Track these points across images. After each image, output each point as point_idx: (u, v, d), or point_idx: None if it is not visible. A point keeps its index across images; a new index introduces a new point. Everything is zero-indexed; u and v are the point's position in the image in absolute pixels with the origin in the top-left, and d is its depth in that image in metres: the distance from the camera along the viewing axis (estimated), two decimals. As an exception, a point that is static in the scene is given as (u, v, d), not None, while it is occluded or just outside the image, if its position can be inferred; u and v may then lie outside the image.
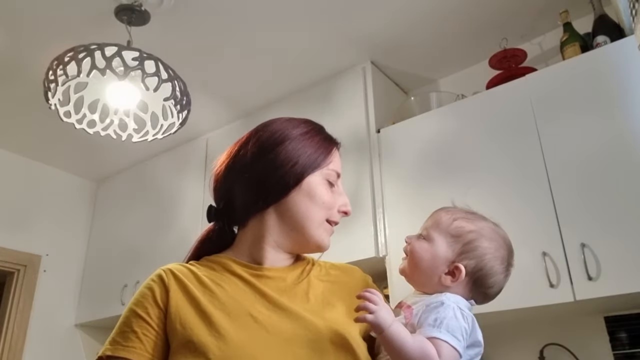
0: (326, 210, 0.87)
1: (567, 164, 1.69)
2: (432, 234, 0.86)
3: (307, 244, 0.87)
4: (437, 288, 0.82)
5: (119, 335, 0.77)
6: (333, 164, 0.90)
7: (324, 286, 0.87)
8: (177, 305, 0.78)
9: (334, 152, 0.92)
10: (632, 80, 1.65)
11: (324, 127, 0.95)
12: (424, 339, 0.73)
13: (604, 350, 1.72)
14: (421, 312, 0.78)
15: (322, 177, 0.88)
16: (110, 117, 1.93)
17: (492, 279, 0.84)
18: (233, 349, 0.72)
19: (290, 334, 0.75)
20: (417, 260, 0.85)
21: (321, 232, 0.87)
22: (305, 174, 0.86)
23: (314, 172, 0.87)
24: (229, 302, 0.78)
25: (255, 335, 0.74)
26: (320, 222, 0.86)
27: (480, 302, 0.86)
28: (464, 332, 0.75)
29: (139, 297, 0.80)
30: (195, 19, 2.08)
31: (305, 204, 0.85)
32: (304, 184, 0.85)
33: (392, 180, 2.08)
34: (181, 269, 0.84)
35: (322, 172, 0.88)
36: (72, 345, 3.07)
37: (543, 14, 2.08)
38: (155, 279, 0.81)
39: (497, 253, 0.85)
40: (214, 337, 0.73)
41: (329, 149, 0.91)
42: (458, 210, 0.89)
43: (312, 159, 0.87)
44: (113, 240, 3.12)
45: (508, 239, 0.88)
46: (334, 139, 0.94)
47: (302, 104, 2.49)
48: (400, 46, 2.29)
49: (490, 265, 0.84)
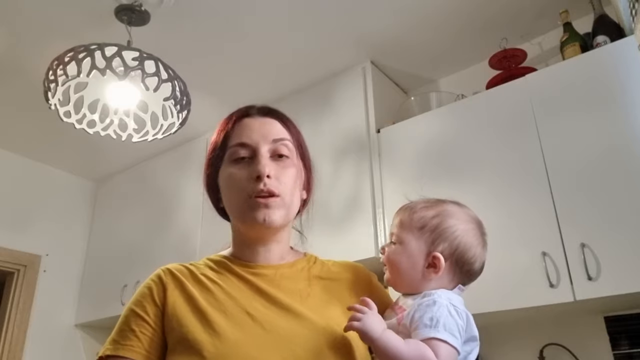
0: (239, 190, 0.82)
1: (567, 164, 1.69)
2: (400, 235, 0.85)
3: (249, 228, 0.84)
4: (424, 284, 0.81)
5: (118, 334, 0.78)
6: (232, 140, 0.86)
7: (324, 283, 0.86)
8: (174, 303, 0.78)
9: (235, 127, 0.87)
10: (632, 80, 1.65)
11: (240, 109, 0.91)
12: (419, 342, 0.71)
13: (604, 350, 1.72)
14: (413, 311, 0.76)
15: (227, 163, 0.86)
16: (110, 117, 1.93)
17: (471, 252, 0.83)
18: (228, 346, 0.72)
19: (287, 331, 0.75)
20: (396, 266, 0.84)
21: (246, 212, 0.81)
22: (216, 175, 0.88)
23: (220, 167, 0.87)
24: (225, 300, 0.78)
25: (251, 333, 0.74)
26: (242, 204, 0.82)
27: (468, 282, 0.85)
28: (460, 329, 0.74)
29: (137, 297, 0.81)
30: (195, 19, 2.08)
31: (225, 198, 0.86)
32: (220, 180, 0.87)
33: (392, 180, 2.08)
34: (180, 268, 0.84)
35: (226, 159, 0.86)
36: (72, 345, 3.07)
37: (543, 14, 2.08)
38: (154, 278, 0.82)
39: (466, 226, 0.84)
40: (209, 335, 0.73)
41: (227, 129, 0.88)
42: (415, 202, 0.88)
43: (216, 152, 0.88)
44: (113, 240, 3.12)
45: (472, 212, 0.88)
46: (240, 111, 0.90)
47: (302, 104, 2.49)
48: (400, 46, 2.29)
49: (464, 240, 0.83)
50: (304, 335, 0.75)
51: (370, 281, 0.92)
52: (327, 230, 2.05)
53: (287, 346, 0.73)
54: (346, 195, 2.14)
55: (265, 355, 0.72)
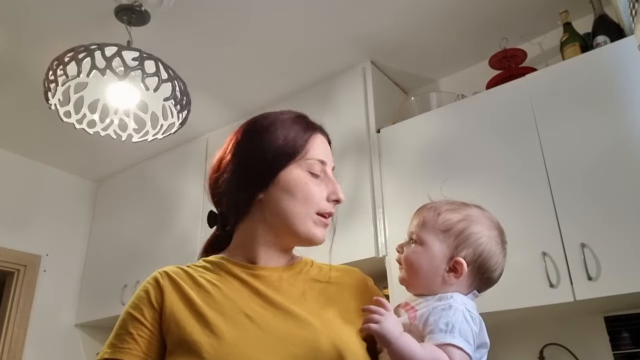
0: (312, 203, 0.83)
1: (567, 164, 1.69)
2: (422, 235, 0.83)
3: (297, 239, 0.85)
4: (443, 288, 0.80)
5: (115, 338, 0.78)
6: (313, 152, 0.85)
7: (322, 287, 0.86)
8: (172, 305, 0.78)
9: (312, 139, 0.87)
10: (632, 80, 1.65)
11: (304, 116, 0.91)
12: (435, 348, 0.70)
13: (604, 350, 1.72)
14: (427, 314, 0.75)
15: (302, 169, 0.84)
16: (110, 117, 1.93)
17: (493, 260, 0.82)
18: (227, 347, 0.72)
19: (285, 332, 0.75)
20: (415, 267, 0.82)
21: (309, 226, 0.83)
22: (276, 170, 0.83)
23: (288, 165, 0.83)
24: (223, 302, 0.78)
25: (250, 334, 0.74)
26: (306, 216, 0.83)
27: (485, 289, 0.84)
28: (474, 335, 0.73)
29: (134, 300, 0.81)
30: (195, 19, 2.08)
31: (286, 201, 0.83)
32: (279, 180, 0.83)
33: (392, 180, 2.08)
34: (177, 270, 0.84)
35: (301, 164, 0.84)
36: (72, 345, 3.07)
37: (543, 14, 2.08)
38: (151, 281, 0.82)
39: (490, 233, 0.83)
40: (207, 336, 0.73)
41: (305, 137, 0.86)
42: (439, 203, 0.86)
43: (280, 152, 0.84)
44: (113, 240, 3.12)
45: (494, 218, 0.87)
46: (313, 125, 0.90)
47: (302, 104, 2.48)
48: (401, 46, 2.29)
49: (488, 248, 0.82)
50: (302, 336, 0.75)
51: (366, 284, 0.92)
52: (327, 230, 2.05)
53: (285, 347, 0.73)
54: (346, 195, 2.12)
55: (264, 356, 0.72)
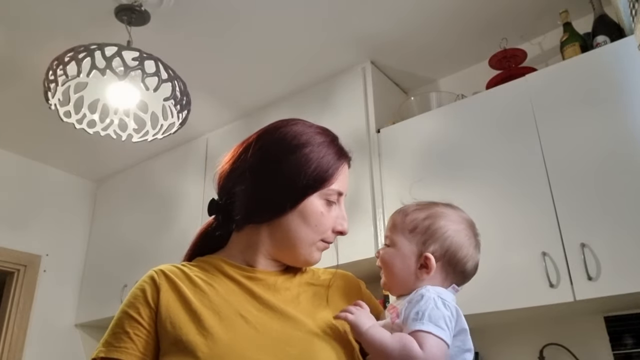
0: (320, 232, 0.84)
1: (567, 164, 1.69)
2: (393, 237, 0.87)
3: (296, 260, 0.86)
4: (417, 285, 0.82)
5: (111, 337, 0.77)
6: (337, 184, 0.86)
7: (315, 289, 0.87)
8: (168, 304, 0.78)
9: (341, 169, 0.87)
10: (632, 80, 1.65)
11: (337, 139, 0.90)
12: (404, 335, 0.73)
13: (604, 350, 1.72)
14: (404, 309, 0.78)
15: (321, 197, 0.84)
16: (110, 117, 1.93)
17: (462, 252, 0.84)
18: (222, 347, 0.72)
19: (281, 333, 0.75)
20: (390, 268, 0.85)
21: (311, 252, 0.85)
22: (301, 198, 0.82)
23: (314, 193, 0.83)
24: (219, 302, 0.78)
25: (245, 335, 0.74)
26: (312, 243, 0.84)
27: (462, 282, 0.86)
28: (447, 320, 0.75)
29: (130, 299, 0.80)
30: (195, 19, 2.08)
31: (298, 225, 0.83)
32: (301, 205, 0.83)
33: (392, 180, 2.08)
34: (173, 269, 0.84)
35: (322, 193, 0.84)
36: (72, 345, 3.07)
37: (543, 14, 2.09)
38: (147, 280, 0.81)
39: (457, 226, 0.85)
40: (202, 337, 0.73)
41: (336, 166, 0.86)
42: (408, 206, 0.90)
43: (311, 181, 0.82)
44: (113, 240, 3.12)
45: (464, 214, 0.89)
46: (346, 154, 0.89)
47: (302, 104, 2.49)
48: (401, 46, 2.29)
49: (455, 240, 0.84)
50: (298, 337, 0.75)
51: (359, 288, 0.93)
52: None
53: (280, 348, 0.73)
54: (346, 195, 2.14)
55: (260, 356, 0.72)
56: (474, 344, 0.81)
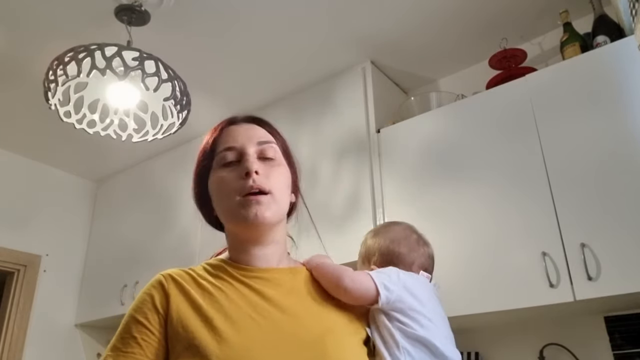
0: (230, 192, 0.83)
1: (567, 164, 1.69)
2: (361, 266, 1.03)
3: (243, 227, 0.84)
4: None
5: (119, 341, 0.77)
6: (219, 146, 0.88)
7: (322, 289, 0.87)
8: (179, 309, 0.78)
9: (221, 133, 0.90)
10: (632, 80, 1.65)
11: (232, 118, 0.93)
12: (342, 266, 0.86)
13: (604, 350, 1.72)
14: None
15: (217, 168, 0.87)
16: (110, 117, 1.93)
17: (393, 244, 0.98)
18: (235, 350, 0.72)
19: (290, 334, 0.76)
20: None
21: (238, 210, 0.82)
22: (206, 179, 0.88)
23: (210, 171, 0.87)
24: (228, 305, 0.78)
25: (256, 337, 0.74)
26: (233, 202, 0.82)
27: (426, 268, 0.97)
28: (393, 274, 0.86)
29: (138, 303, 0.80)
30: (195, 19, 2.08)
31: (218, 200, 0.86)
32: (210, 187, 0.87)
33: (392, 180, 2.08)
34: (180, 273, 0.83)
35: (214, 164, 0.87)
36: (72, 345, 3.07)
37: (543, 14, 2.09)
38: (155, 285, 0.81)
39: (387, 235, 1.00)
40: (216, 341, 0.73)
41: (214, 134, 0.90)
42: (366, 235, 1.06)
43: (204, 162, 0.89)
44: (113, 240, 3.12)
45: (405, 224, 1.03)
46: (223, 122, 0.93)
47: (302, 104, 2.49)
48: (401, 46, 2.29)
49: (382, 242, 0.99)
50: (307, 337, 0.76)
51: None
52: (327, 230, 2.05)
53: (291, 348, 0.74)
54: (346, 195, 2.14)
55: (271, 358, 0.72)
56: (475, 344, 0.81)
